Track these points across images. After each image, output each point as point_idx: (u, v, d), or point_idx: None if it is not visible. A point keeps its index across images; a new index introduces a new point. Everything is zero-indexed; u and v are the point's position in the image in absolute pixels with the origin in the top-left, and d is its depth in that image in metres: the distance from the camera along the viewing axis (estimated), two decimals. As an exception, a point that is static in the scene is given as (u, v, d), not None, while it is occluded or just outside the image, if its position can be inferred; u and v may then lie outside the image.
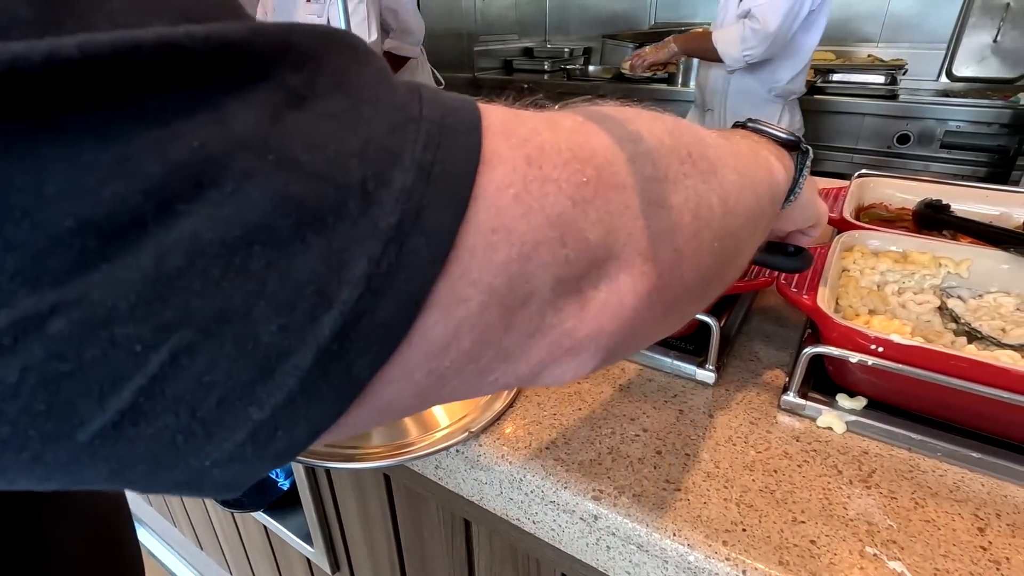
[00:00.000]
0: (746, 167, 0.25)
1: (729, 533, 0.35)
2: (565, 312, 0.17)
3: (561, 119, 0.18)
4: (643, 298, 0.18)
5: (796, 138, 0.33)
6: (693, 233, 0.20)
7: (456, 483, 0.46)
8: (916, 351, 0.38)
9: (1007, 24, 1.82)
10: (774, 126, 0.33)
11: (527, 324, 0.16)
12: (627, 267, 0.18)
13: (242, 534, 1.01)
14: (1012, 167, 1.60)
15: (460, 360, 0.15)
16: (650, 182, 0.18)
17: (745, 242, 0.25)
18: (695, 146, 0.21)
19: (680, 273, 0.20)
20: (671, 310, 0.21)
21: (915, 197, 0.67)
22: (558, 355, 0.17)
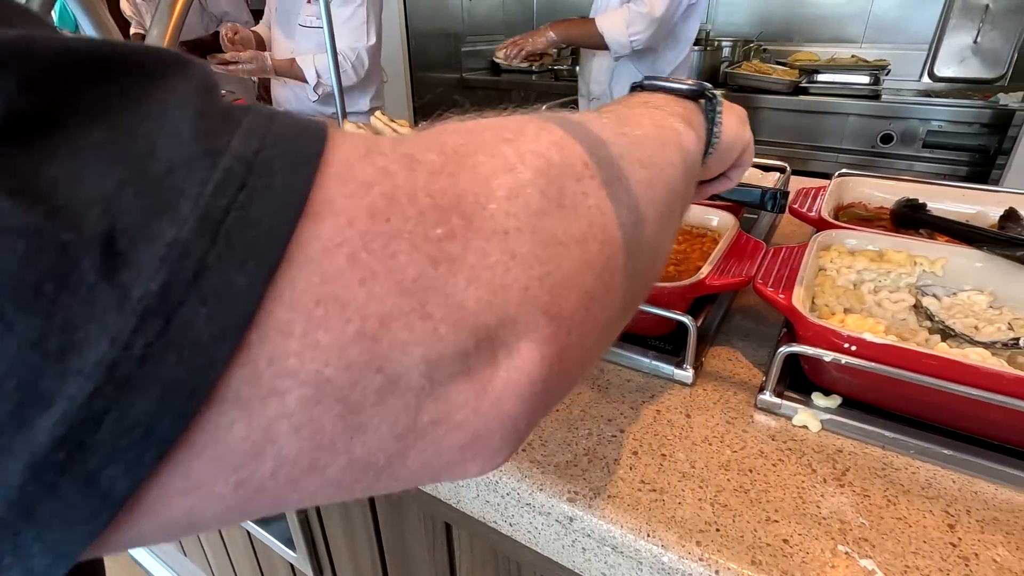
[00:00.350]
0: (653, 154, 0.23)
1: (703, 533, 0.35)
2: (452, 401, 0.14)
3: (425, 152, 0.15)
4: (553, 363, 0.15)
5: (698, 86, 0.31)
6: (604, 262, 0.17)
7: (433, 486, 0.45)
8: (888, 349, 0.39)
9: (986, 25, 1.85)
10: (673, 79, 0.32)
11: (391, 423, 0.13)
12: (528, 331, 0.15)
13: (225, 540, 1.00)
14: (992, 166, 1.62)
15: (289, 470, 0.12)
16: (540, 217, 0.15)
17: (664, 238, 0.24)
18: (591, 152, 0.19)
19: (594, 316, 0.17)
20: (587, 358, 0.18)
21: (894, 196, 0.68)
22: (451, 455, 0.15)
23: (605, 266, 0.17)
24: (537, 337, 0.15)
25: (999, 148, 1.60)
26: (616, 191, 0.19)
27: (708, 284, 0.48)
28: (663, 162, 0.23)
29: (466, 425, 0.14)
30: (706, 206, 0.65)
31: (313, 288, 0.12)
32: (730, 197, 0.65)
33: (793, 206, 0.67)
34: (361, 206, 0.13)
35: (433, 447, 0.14)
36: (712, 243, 0.61)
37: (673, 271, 0.57)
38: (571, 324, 0.16)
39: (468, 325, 0.13)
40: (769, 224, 0.79)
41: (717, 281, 0.49)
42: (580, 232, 0.16)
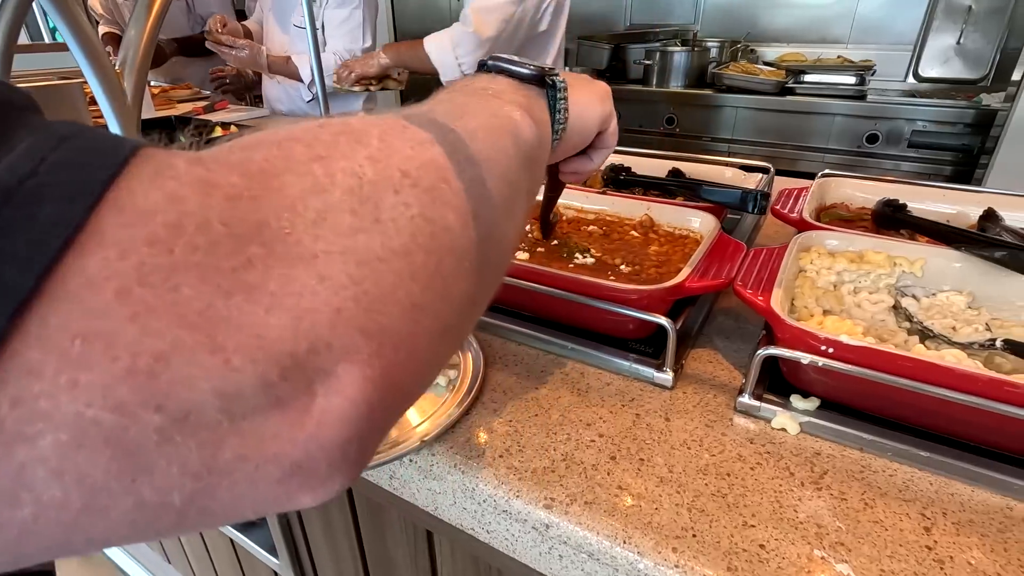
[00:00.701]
0: (485, 147, 0.22)
1: (679, 539, 0.35)
2: (261, 433, 0.13)
3: (228, 173, 0.14)
4: (380, 382, 0.15)
5: (538, 71, 0.31)
6: (433, 270, 0.17)
7: (411, 493, 0.45)
8: (864, 351, 0.38)
9: (969, 27, 1.87)
10: (517, 61, 0.31)
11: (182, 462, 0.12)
12: (346, 354, 0.14)
13: (208, 547, 0.99)
14: (976, 165, 1.64)
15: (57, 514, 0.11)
16: (352, 237, 0.15)
17: (507, 229, 0.24)
18: (413, 158, 0.18)
19: (426, 325, 0.17)
20: (426, 366, 0.18)
21: (875, 197, 0.68)
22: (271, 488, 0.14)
23: (435, 273, 0.17)
24: (358, 359, 0.14)
25: (982, 148, 1.62)
26: (443, 195, 0.18)
27: (688, 286, 0.48)
28: (497, 154, 0.23)
29: (282, 457, 0.13)
30: (688, 208, 0.65)
31: (71, 325, 0.11)
32: (711, 198, 0.65)
33: (775, 207, 0.67)
34: (138, 237, 0.12)
35: (246, 481, 0.13)
36: (694, 245, 0.61)
37: (655, 273, 0.56)
38: (398, 339, 0.15)
39: (270, 355, 0.13)
40: (752, 225, 0.79)
41: (697, 283, 0.49)
42: (401, 245, 0.16)
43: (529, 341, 0.55)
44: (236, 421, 0.13)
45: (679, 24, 2.50)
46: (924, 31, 1.96)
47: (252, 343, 0.13)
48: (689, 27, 2.48)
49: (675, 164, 0.79)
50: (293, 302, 0.13)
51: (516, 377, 0.50)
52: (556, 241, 0.63)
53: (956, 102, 1.73)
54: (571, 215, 0.70)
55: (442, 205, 0.18)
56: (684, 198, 0.69)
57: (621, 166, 0.77)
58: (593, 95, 0.37)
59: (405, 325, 0.16)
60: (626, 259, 0.59)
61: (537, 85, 0.31)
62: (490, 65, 0.32)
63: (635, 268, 0.57)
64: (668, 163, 0.79)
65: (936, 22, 1.91)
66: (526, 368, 0.51)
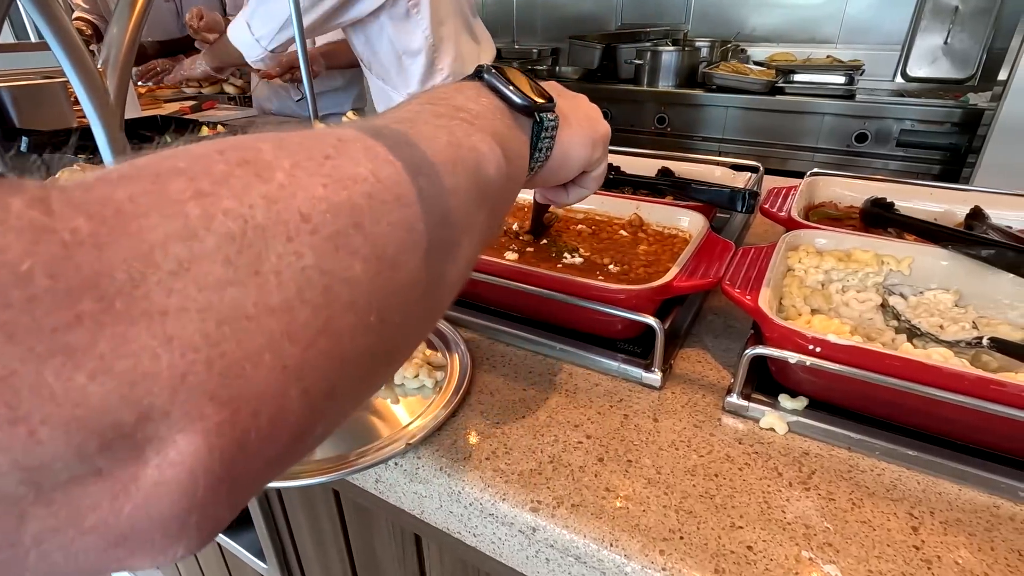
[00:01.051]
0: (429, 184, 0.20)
1: (666, 542, 0.34)
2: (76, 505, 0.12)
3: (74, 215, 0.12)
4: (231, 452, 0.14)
5: (529, 102, 0.29)
6: (318, 330, 0.15)
7: (397, 497, 0.44)
8: (851, 350, 0.38)
9: (956, 27, 1.88)
10: (513, 85, 0.29)
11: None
12: (187, 422, 0.13)
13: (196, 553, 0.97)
14: (963, 164, 1.65)
15: None
16: (219, 291, 0.13)
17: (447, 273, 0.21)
18: (323, 199, 0.16)
19: (303, 389, 0.15)
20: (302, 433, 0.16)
21: (863, 196, 0.68)
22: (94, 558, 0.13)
23: (322, 331, 0.15)
24: (202, 427, 0.13)
25: (969, 147, 1.63)
26: (351, 242, 0.16)
27: (676, 286, 0.48)
28: (444, 191, 0.21)
29: (104, 528, 0.12)
30: (677, 207, 0.65)
31: None
32: (700, 198, 0.65)
33: (764, 206, 0.67)
34: None
35: (60, 552, 0.12)
36: (683, 244, 0.61)
37: (643, 272, 0.56)
38: (260, 405, 0.14)
39: (88, 425, 0.12)
40: (742, 224, 0.79)
41: (685, 283, 0.48)
42: (281, 301, 0.14)
43: (517, 342, 0.54)
44: (45, 492, 0.12)
45: (670, 24, 2.51)
46: (912, 31, 1.98)
47: (65, 413, 0.11)
48: (680, 27, 2.49)
49: (665, 163, 0.79)
50: (126, 366, 0.12)
51: (504, 378, 0.49)
52: (545, 240, 0.63)
53: (944, 101, 1.74)
54: (560, 214, 0.69)
55: (348, 255, 0.16)
56: (673, 197, 0.69)
57: (611, 165, 0.77)
58: (585, 138, 0.36)
59: (272, 389, 0.14)
60: (615, 259, 0.59)
61: (526, 115, 0.30)
62: (485, 78, 0.30)
63: (624, 268, 0.57)
64: (658, 162, 0.79)
65: (924, 22, 1.92)
66: (514, 369, 0.51)
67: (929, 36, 1.94)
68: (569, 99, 0.37)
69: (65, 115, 1.28)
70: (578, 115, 0.36)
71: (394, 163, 0.19)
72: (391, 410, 0.46)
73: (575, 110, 0.37)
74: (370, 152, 0.19)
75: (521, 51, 2.74)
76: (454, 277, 0.23)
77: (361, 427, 0.45)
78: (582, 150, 0.36)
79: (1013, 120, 1.44)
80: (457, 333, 0.54)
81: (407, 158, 0.20)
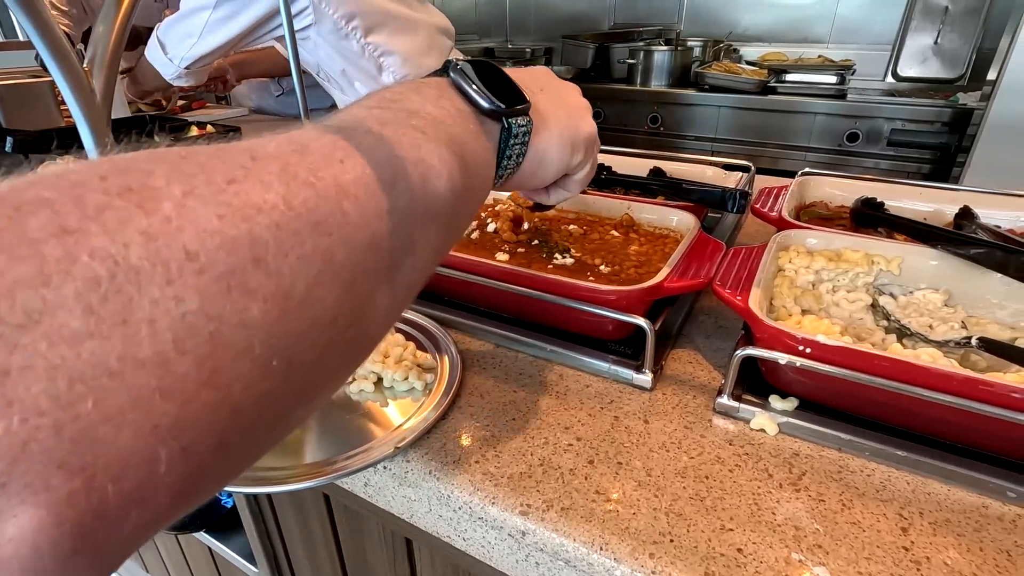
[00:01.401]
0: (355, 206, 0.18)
1: (656, 545, 0.34)
2: None
3: None
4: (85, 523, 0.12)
5: (495, 107, 0.27)
6: (201, 383, 0.14)
7: (386, 501, 0.44)
8: (841, 351, 0.38)
9: (946, 27, 1.90)
10: (481, 84, 0.27)
11: None
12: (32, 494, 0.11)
13: (187, 555, 0.97)
14: (953, 163, 1.66)
15: None
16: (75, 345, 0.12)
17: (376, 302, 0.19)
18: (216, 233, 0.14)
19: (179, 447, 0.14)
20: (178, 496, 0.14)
21: (854, 195, 0.68)
22: None
23: (206, 384, 0.14)
24: (46, 499, 0.11)
25: (959, 146, 1.64)
26: (248, 281, 0.15)
27: (666, 287, 0.48)
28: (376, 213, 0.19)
29: None
30: (669, 207, 0.65)
31: None
32: (691, 198, 0.65)
33: (755, 206, 0.67)
34: None
35: None
36: (674, 244, 0.61)
37: (634, 273, 0.56)
38: (123, 468, 0.12)
39: None
40: (734, 224, 0.79)
41: (675, 284, 0.48)
42: (153, 353, 0.13)
43: (507, 343, 0.54)
44: None
45: (662, 24, 2.51)
46: (902, 31, 1.99)
47: None
48: (672, 26, 2.49)
49: (656, 163, 0.79)
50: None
51: (494, 380, 0.49)
52: (536, 241, 0.63)
53: (934, 101, 1.75)
54: (551, 214, 0.69)
55: (243, 295, 0.14)
56: (665, 197, 0.68)
57: (602, 165, 0.77)
58: (564, 141, 0.33)
59: (139, 451, 0.13)
60: (606, 259, 0.58)
61: (493, 119, 0.28)
62: (451, 76, 0.28)
63: (615, 268, 0.57)
64: (649, 162, 0.79)
65: (914, 22, 1.93)
66: (504, 371, 0.50)
67: (919, 36, 1.95)
68: (552, 95, 0.35)
69: (52, 115, 1.27)
70: (559, 115, 0.34)
71: (314, 184, 0.17)
72: (380, 413, 0.46)
73: (557, 108, 0.34)
74: (287, 173, 0.17)
75: (514, 50, 2.73)
76: (391, 302, 0.21)
77: (350, 430, 0.45)
78: (560, 155, 0.34)
79: (1002, 120, 1.45)
80: (447, 334, 0.53)
81: (333, 177, 0.18)
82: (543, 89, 0.34)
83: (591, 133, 0.36)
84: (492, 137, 0.28)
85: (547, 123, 0.33)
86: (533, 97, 0.31)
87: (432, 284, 0.60)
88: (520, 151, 0.30)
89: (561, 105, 0.35)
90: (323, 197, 0.17)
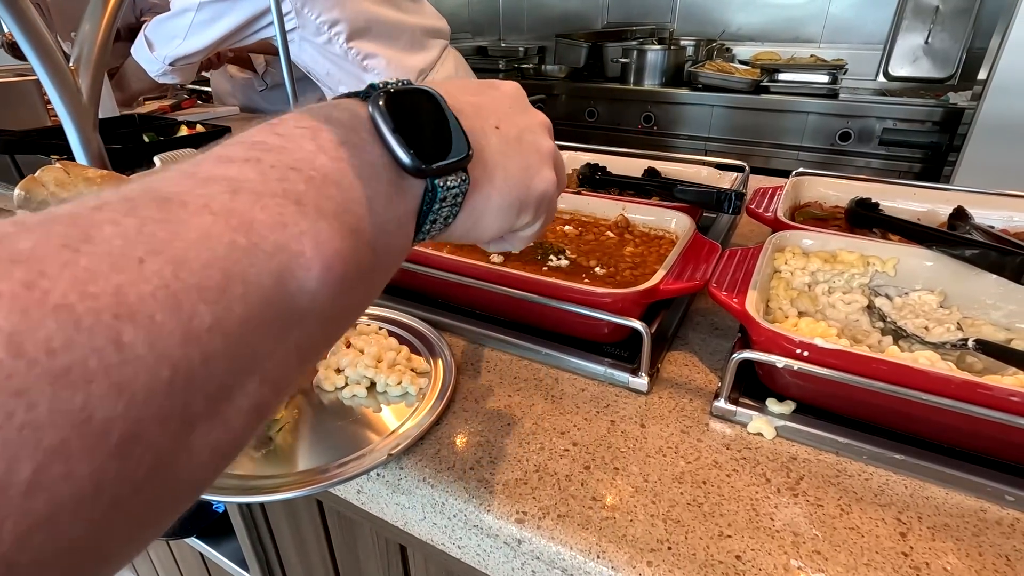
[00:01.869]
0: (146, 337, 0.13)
1: (654, 552, 0.33)
2: None
3: None
4: None
5: (417, 166, 0.21)
6: None
7: (379, 508, 0.43)
8: (839, 354, 0.38)
9: (937, 26, 1.91)
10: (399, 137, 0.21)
11: None
12: None
13: (178, 561, 0.95)
14: (944, 163, 1.67)
15: None
16: None
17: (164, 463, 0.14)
18: None
19: None
20: None
21: (848, 195, 0.68)
22: None
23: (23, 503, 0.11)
24: None
25: (950, 145, 1.65)
26: None
27: (662, 289, 0.47)
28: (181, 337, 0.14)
29: None
30: (664, 207, 0.64)
31: None
32: (687, 198, 0.64)
33: (750, 206, 0.66)
34: None
35: None
36: (669, 245, 0.60)
37: (630, 275, 0.55)
38: None
39: None
40: (728, 224, 0.79)
41: (671, 286, 0.48)
42: None
43: (502, 346, 0.53)
44: None
45: (655, 23, 2.51)
46: (893, 31, 2.00)
47: None
48: (665, 26, 2.50)
49: (651, 163, 0.78)
50: None
51: (489, 384, 0.48)
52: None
53: (925, 101, 1.76)
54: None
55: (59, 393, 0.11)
56: (660, 198, 0.68)
57: (596, 165, 0.76)
58: (509, 203, 0.26)
59: None
60: (601, 260, 0.58)
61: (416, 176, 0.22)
62: (370, 111, 0.21)
63: (610, 270, 0.56)
64: (643, 162, 0.79)
65: (905, 22, 1.94)
66: (499, 374, 0.50)
67: (910, 36, 1.96)
68: (509, 135, 0.27)
69: (38, 114, 1.25)
70: (509, 167, 0.27)
71: (71, 308, 0.12)
72: (373, 418, 0.45)
73: (509, 156, 0.27)
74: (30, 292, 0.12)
75: (507, 49, 2.73)
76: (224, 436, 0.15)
77: (342, 436, 0.44)
78: (499, 219, 0.27)
79: (993, 119, 1.46)
80: (441, 338, 0.53)
81: (113, 292, 0.13)
82: (499, 125, 0.27)
83: (545, 192, 0.29)
84: (412, 197, 0.22)
85: (491, 178, 0.26)
86: (482, 139, 0.25)
87: (425, 286, 0.59)
88: (450, 213, 0.24)
89: (517, 152, 0.27)
90: (84, 329, 0.12)
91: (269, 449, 0.42)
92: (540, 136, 0.29)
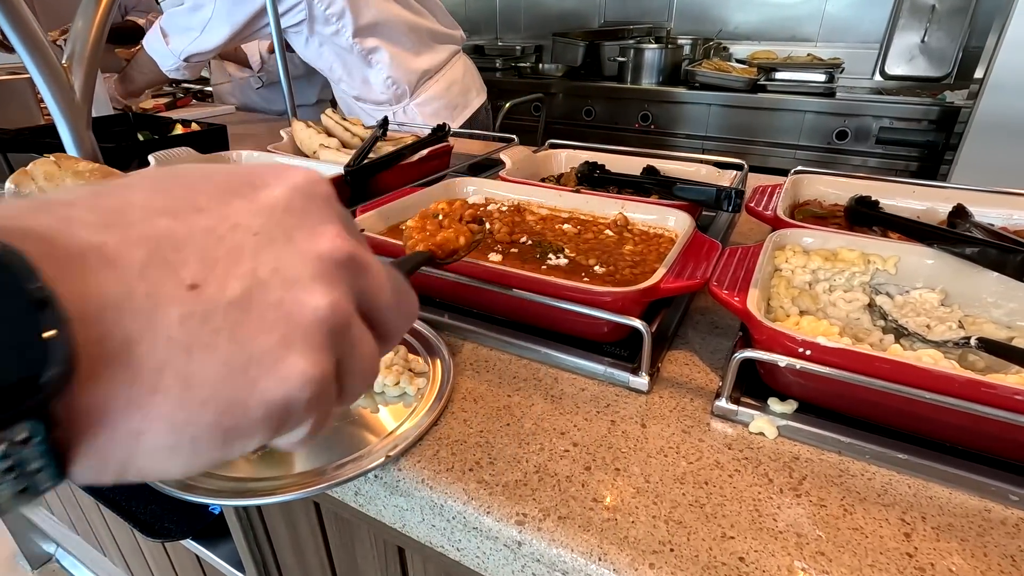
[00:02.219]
0: None
1: (656, 554, 0.33)
2: None
3: None
4: None
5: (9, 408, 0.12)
6: None
7: (377, 510, 0.42)
8: (842, 353, 0.38)
9: (933, 26, 1.91)
10: None
11: None
12: None
13: (174, 563, 0.95)
14: (941, 161, 1.67)
15: None
16: None
17: None
18: None
19: None
20: None
21: (848, 193, 0.68)
22: None
23: None
24: None
25: (946, 144, 1.65)
26: None
27: (663, 288, 0.47)
28: None
29: None
30: (663, 206, 0.64)
31: None
32: (686, 196, 0.64)
33: (749, 204, 0.66)
34: None
35: None
36: (669, 243, 0.60)
37: (629, 274, 0.55)
38: None
39: None
40: (727, 222, 0.78)
41: (672, 284, 0.47)
42: None
43: (501, 346, 0.53)
44: None
45: (652, 22, 2.51)
46: (890, 30, 2.00)
47: None
48: (662, 25, 2.49)
49: (649, 162, 0.78)
50: None
51: (487, 384, 0.48)
52: (529, 241, 0.62)
53: (921, 99, 1.77)
54: (545, 213, 0.68)
55: None
56: (659, 196, 0.68)
57: (595, 164, 0.76)
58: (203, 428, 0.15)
59: None
60: (600, 259, 0.58)
61: None
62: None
63: (610, 269, 0.56)
64: (642, 160, 0.78)
65: (902, 21, 1.95)
66: (498, 374, 0.49)
67: (907, 35, 1.97)
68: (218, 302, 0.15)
69: (31, 112, 1.24)
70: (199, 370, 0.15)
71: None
72: (371, 419, 0.44)
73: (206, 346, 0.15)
74: None
75: (504, 48, 2.72)
76: None
77: (340, 438, 0.43)
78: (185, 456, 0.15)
79: (989, 117, 1.46)
80: (439, 337, 0.52)
81: None
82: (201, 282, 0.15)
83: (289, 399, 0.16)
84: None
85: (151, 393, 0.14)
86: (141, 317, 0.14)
87: (423, 286, 0.58)
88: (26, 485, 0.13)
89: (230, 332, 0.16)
90: None
91: (265, 451, 0.42)
92: (307, 286, 0.17)
